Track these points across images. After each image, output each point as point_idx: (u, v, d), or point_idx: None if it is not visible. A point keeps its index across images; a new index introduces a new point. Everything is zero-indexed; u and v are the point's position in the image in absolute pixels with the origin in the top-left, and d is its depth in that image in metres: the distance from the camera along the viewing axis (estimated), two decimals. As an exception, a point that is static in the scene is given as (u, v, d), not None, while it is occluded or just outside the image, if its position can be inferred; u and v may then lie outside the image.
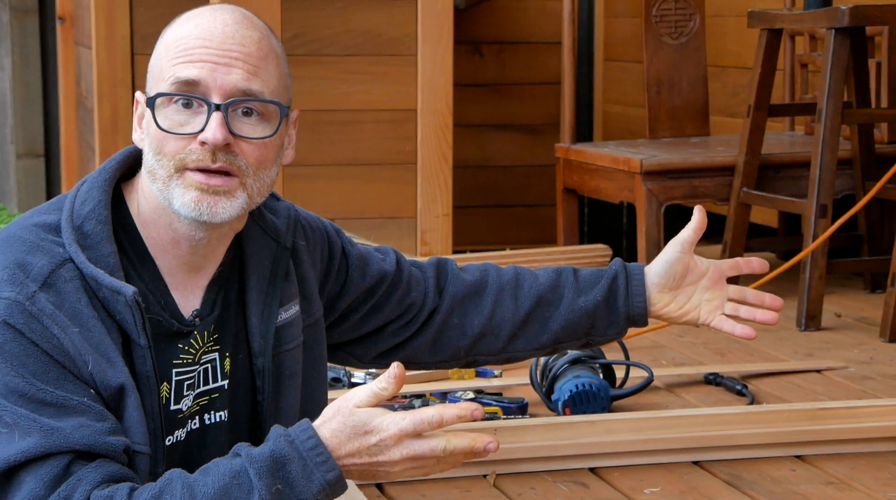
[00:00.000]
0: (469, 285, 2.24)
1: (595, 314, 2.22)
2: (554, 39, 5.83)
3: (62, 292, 1.76)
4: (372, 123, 4.82)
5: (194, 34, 1.83)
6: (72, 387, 1.73)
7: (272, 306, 1.96)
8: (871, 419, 2.66)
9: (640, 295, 2.22)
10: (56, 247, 1.79)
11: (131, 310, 1.79)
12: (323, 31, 4.80)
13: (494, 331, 2.23)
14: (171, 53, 1.83)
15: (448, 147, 4.71)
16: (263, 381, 1.95)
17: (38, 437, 1.70)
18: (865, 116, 4.07)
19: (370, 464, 1.75)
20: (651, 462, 2.58)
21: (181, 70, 1.81)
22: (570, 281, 2.25)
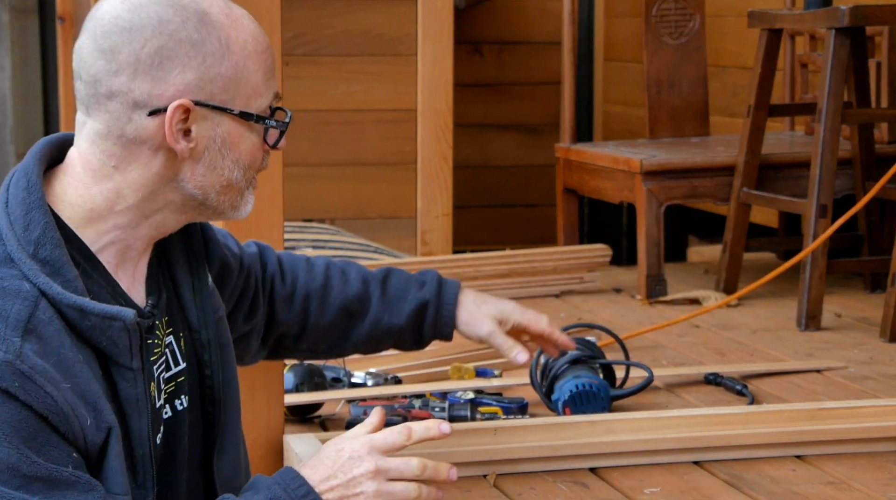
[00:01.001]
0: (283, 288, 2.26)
1: (400, 335, 2.30)
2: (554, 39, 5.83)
3: (44, 337, 1.66)
4: (372, 123, 4.83)
5: (266, 41, 1.80)
6: (59, 454, 1.66)
7: (199, 277, 1.93)
8: (871, 419, 2.66)
9: (448, 322, 2.29)
10: (21, 283, 1.67)
11: (128, 334, 1.72)
12: (323, 31, 4.80)
13: (296, 333, 2.28)
14: (263, 64, 1.78)
15: (448, 147, 4.72)
16: (210, 354, 1.92)
17: None
18: (865, 116, 4.07)
19: (346, 482, 1.77)
20: (651, 462, 2.58)
21: (275, 84, 1.80)
22: (377, 294, 2.28)
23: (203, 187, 1.77)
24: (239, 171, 1.78)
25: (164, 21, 1.71)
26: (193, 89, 1.72)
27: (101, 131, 1.74)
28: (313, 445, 2.41)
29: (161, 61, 1.71)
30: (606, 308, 4.03)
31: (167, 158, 1.75)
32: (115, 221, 1.77)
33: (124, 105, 1.72)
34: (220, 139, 1.76)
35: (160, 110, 1.72)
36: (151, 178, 1.76)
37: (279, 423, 2.51)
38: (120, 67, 1.71)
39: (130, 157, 1.75)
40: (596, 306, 4.04)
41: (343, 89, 4.82)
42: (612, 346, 3.21)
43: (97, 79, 1.72)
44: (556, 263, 4.17)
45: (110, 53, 1.71)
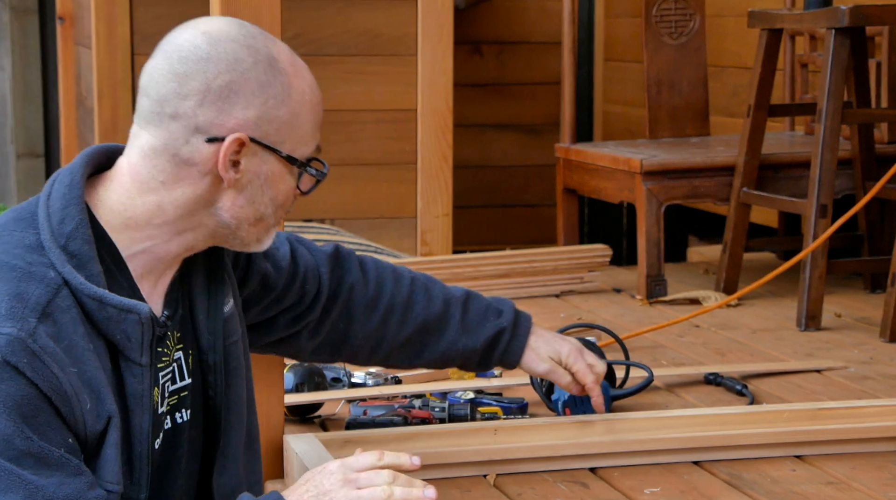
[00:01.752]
0: (365, 293, 2.36)
1: (469, 358, 2.44)
2: (554, 39, 5.83)
3: (59, 323, 1.76)
4: (372, 123, 4.83)
5: (320, 95, 1.92)
6: (55, 435, 1.74)
7: (217, 300, 2.01)
8: (871, 419, 2.66)
9: (517, 354, 2.47)
10: (47, 270, 1.78)
11: (142, 328, 1.82)
12: (323, 31, 4.80)
13: (372, 346, 2.39)
14: (315, 115, 1.91)
15: (448, 147, 4.71)
16: (216, 376, 2.01)
17: (22, 494, 1.70)
18: (865, 116, 4.07)
19: (317, 494, 1.86)
20: (651, 462, 2.57)
21: (318, 135, 1.93)
22: (457, 317, 2.42)
23: (238, 218, 1.89)
24: (272, 208, 1.91)
25: (239, 59, 1.84)
26: (252, 126, 1.84)
27: (157, 147, 1.85)
28: (313, 445, 2.41)
29: (229, 94, 1.83)
30: (606, 308, 4.03)
31: (212, 183, 1.86)
32: (149, 232, 1.87)
33: (186, 128, 1.83)
34: (263, 176, 1.87)
35: (218, 139, 1.83)
36: (194, 199, 1.86)
37: (279, 423, 2.51)
38: (190, 92, 1.83)
39: (179, 176, 1.85)
40: (596, 306, 4.04)
41: (343, 89, 4.82)
42: (612, 346, 3.20)
43: (165, 99, 1.84)
44: (556, 263, 4.17)
45: (183, 78, 1.83)
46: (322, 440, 2.44)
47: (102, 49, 4.73)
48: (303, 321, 2.31)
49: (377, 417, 2.72)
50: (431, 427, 2.60)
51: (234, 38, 1.85)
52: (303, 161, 1.90)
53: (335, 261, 2.35)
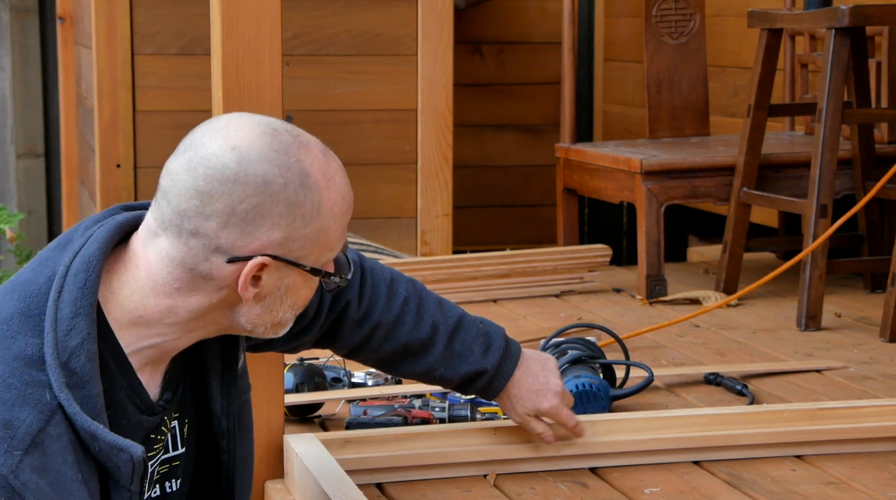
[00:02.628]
0: (354, 315, 2.29)
1: (445, 386, 2.41)
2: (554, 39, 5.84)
3: (48, 453, 1.68)
4: (372, 123, 4.82)
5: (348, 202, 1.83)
6: None
7: (230, 363, 1.95)
8: (871, 419, 2.66)
9: (493, 395, 2.42)
10: (44, 393, 1.69)
11: (133, 467, 1.75)
12: (323, 31, 4.80)
13: (348, 351, 2.34)
14: (343, 224, 1.83)
15: (448, 147, 4.71)
16: (229, 440, 1.95)
17: None
18: (865, 116, 4.07)
19: None
20: (651, 462, 2.57)
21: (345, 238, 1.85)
22: (441, 345, 2.35)
23: (254, 323, 1.82)
24: (292, 312, 1.84)
25: (269, 181, 1.73)
26: (276, 246, 1.76)
27: (175, 257, 1.77)
28: (313, 445, 2.41)
29: (254, 218, 1.74)
30: (606, 308, 4.03)
31: (229, 295, 1.79)
32: (159, 330, 1.80)
33: (206, 247, 1.75)
34: (284, 288, 1.80)
35: (240, 259, 1.75)
36: (209, 307, 1.79)
37: (279, 423, 2.51)
38: (213, 213, 1.73)
39: (195, 287, 1.78)
40: (596, 306, 4.04)
41: (343, 89, 4.82)
42: (612, 346, 3.20)
43: (186, 215, 1.74)
44: (556, 263, 4.17)
45: (208, 198, 1.73)
46: (322, 440, 2.44)
47: (102, 49, 4.73)
48: (298, 340, 2.25)
49: (377, 417, 2.72)
50: (431, 427, 2.60)
51: (266, 156, 1.74)
52: (328, 271, 1.83)
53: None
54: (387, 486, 2.49)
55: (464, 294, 4.04)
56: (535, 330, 3.58)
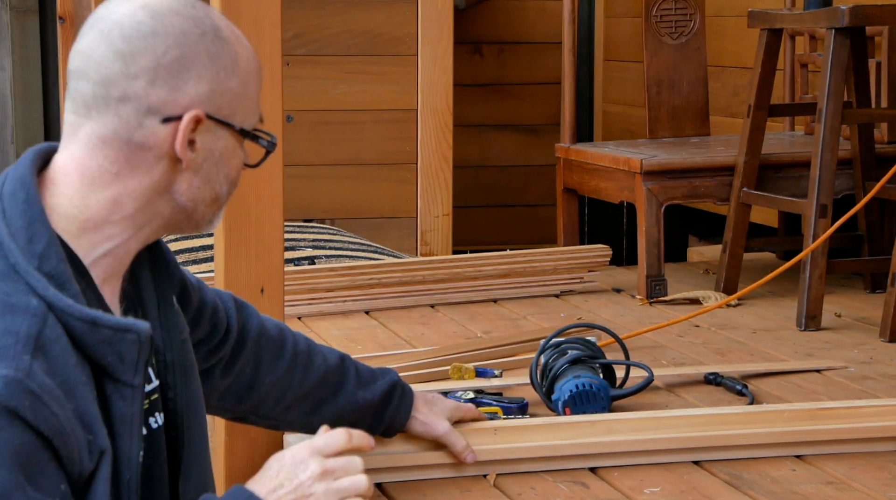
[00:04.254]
0: (271, 338, 2.23)
1: (364, 413, 2.30)
2: (554, 39, 5.84)
3: (51, 356, 1.64)
4: (372, 123, 4.83)
5: (259, 63, 1.83)
6: (49, 483, 1.62)
7: (165, 297, 1.91)
8: (871, 419, 2.66)
9: (403, 418, 2.37)
10: (29, 298, 1.65)
11: (139, 348, 1.71)
12: (323, 31, 4.80)
13: (277, 395, 2.23)
14: (259, 84, 1.82)
15: (448, 147, 4.72)
16: (175, 376, 1.89)
17: None
18: (865, 116, 4.07)
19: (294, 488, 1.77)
20: (651, 462, 2.57)
21: (260, 106, 1.83)
22: (352, 371, 2.30)
23: (195, 200, 1.79)
24: (227, 186, 1.82)
25: (186, 32, 1.73)
26: (206, 101, 1.74)
27: (105, 135, 1.74)
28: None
29: (180, 70, 1.72)
30: (606, 308, 4.03)
31: (168, 167, 1.75)
32: (109, 232, 1.76)
33: (137, 110, 1.72)
34: (217, 153, 1.78)
35: (174, 118, 1.73)
36: (150, 187, 1.75)
37: (279, 423, 2.51)
38: (139, 71, 1.71)
39: (133, 163, 1.74)
40: (596, 306, 4.04)
41: (343, 89, 4.82)
42: (612, 346, 3.20)
43: (111, 81, 1.72)
44: (556, 263, 4.17)
45: (130, 57, 1.71)
46: (322, 440, 2.44)
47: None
48: (215, 356, 2.17)
49: (377, 417, 2.72)
50: (431, 427, 2.60)
51: (177, 10, 1.74)
52: (255, 133, 1.81)
53: (237, 302, 2.23)
54: (387, 486, 2.49)
55: (464, 294, 4.04)
56: (535, 330, 3.58)
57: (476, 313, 3.92)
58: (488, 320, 3.82)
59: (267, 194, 2.46)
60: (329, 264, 4.04)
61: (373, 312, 3.92)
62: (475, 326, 3.74)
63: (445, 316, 3.88)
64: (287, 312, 2.97)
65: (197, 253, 4.18)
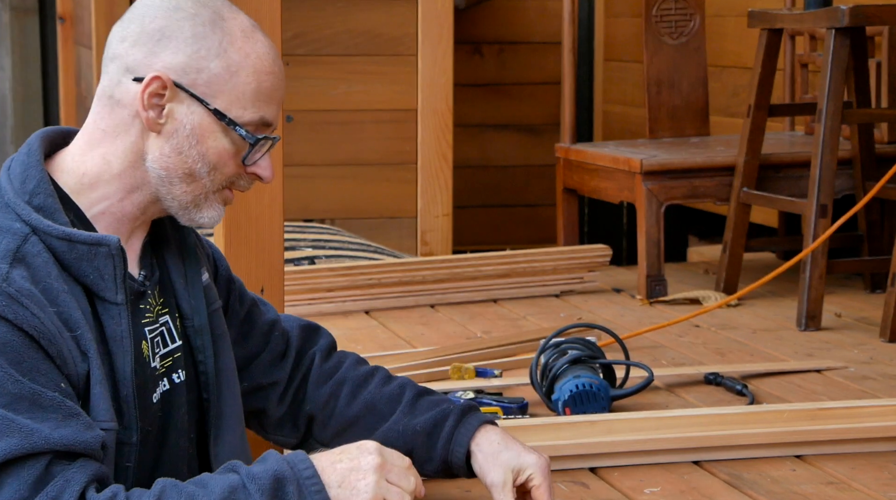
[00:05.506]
0: (321, 367, 2.26)
1: (413, 444, 2.19)
2: (554, 39, 5.84)
3: (32, 266, 1.77)
4: (372, 123, 4.83)
5: (274, 69, 1.91)
6: (45, 379, 1.73)
7: (193, 269, 2.03)
8: (871, 419, 2.66)
9: (461, 447, 2.16)
10: (13, 223, 1.80)
11: (113, 261, 1.83)
12: (323, 31, 4.80)
13: (324, 418, 2.24)
14: (259, 83, 1.89)
15: (448, 147, 4.71)
16: (203, 340, 2.01)
17: (18, 438, 1.69)
18: (865, 116, 4.07)
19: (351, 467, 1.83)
20: (651, 462, 2.57)
21: (267, 110, 1.90)
22: (407, 397, 2.23)
23: (167, 169, 1.88)
24: (204, 166, 1.89)
25: (179, 8, 1.88)
26: (178, 71, 1.86)
27: (100, 92, 1.91)
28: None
29: (161, 38, 1.86)
30: (606, 308, 4.03)
31: (141, 128, 1.88)
32: (104, 191, 1.89)
33: (119, 68, 1.88)
34: (189, 127, 1.87)
35: (143, 79, 1.86)
36: (130, 148, 1.88)
37: (279, 423, 2.51)
38: (128, 35, 1.88)
39: (115, 120, 1.88)
40: (596, 306, 4.04)
41: (343, 89, 4.82)
42: (612, 346, 3.20)
43: (110, 42, 1.91)
44: (556, 263, 4.17)
45: (127, 23, 1.90)
46: (322, 440, 2.44)
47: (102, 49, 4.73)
48: (272, 375, 2.22)
49: (377, 417, 2.72)
50: (431, 427, 2.60)
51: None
52: (232, 119, 1.88)
53: (308, 329, 2.29)
54: (387, 486, 2.49)
55: (464, 294, 4.04)
56: (535, 330, 3.58)
57: (476, 313, 3.92)
58: (488, 320, 3.82)
59: (267, 194, 2.46)
60: (329, 264, 4.04)
61: (373, 312, 3.92)
62: (475, 326, 3.74)
63: (445, 316, 3.88)
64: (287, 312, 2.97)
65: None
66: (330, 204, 4.82)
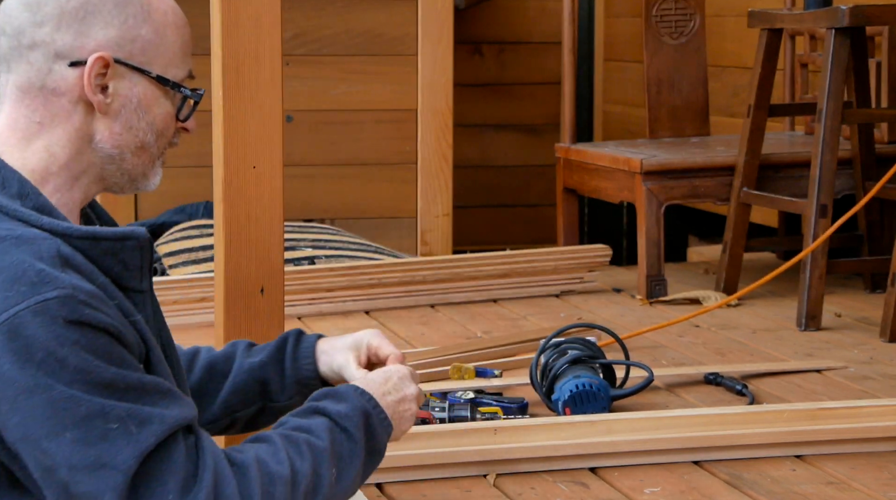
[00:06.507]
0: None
1: (263, 377, 2.19)
2: (554, 39, 5.83)
3: (78, 267, 1.73)
4: (372, 123, 4.83)
5: (185, 19, 1.89)
6: (136, 367, 1.73)
7: None
8: (871, 419, 2.66)
9: (308, 357, 2.19)
10: (27, 229, 1.73)
11: (140, 253, 1.81)
12: (323, 31, 4.80)
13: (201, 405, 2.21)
14: (182, 38, 1.88)
15: (448, 147, 4.71)
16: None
17: (156, 424, 1.68)
18: (865, 116, 4.07)
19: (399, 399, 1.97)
20: (651, 462, 2.58)
21: (190, 62, 1.89)
22: (242, 348, 2.23)
23: (119, 146, 1.84)
24: (152, 135, 1.86)
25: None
26: (114, 46, 1.80)
27: (23, 85, 1.81)
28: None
29: (85, 16, 1.79)
30: (606, 308, 4.03)
31: (86, 113, 1.82)
32: (54, 183, 1.82)
33: (46, 56, 1.79)
34: (136, 100, 1.83)
35: (81, 62, 1.79)
36: (74, 134, 1.82)
37: (279, 423, 2.51)
38: (44, 19, 1.78)
39: (52, 111, 1.81)
40: (596, 306, 4.04)
41: (343, 89, 4.82)
42: (612, 346, 3.21)
43: (21, 30, 1.79)
44: (556, 263, 4.17)
45: (36, 6, 1.79)
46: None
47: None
48: None
49: (377, 417, 2.71)
50: (431, 427, 2.60)
51: None
52: (176, 82, 1.86)
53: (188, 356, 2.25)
54: (387, 486, 2.49)
55: (464, 294, 4.04)
56: (535, 330, 3.58)
57: (476, 313, 3.92)
58: (488, 320, 3.82)
59: (267, 194, 2.46)
60: (329, 264, 4.04)
61: (373, 312, 3.92)
62: (475, 326, 3.74)
63: (445, 316, 3.88)
64: (287, 312, 2.97)
65: (197, 253, 4.18)
66: (330, 204, 4.82)
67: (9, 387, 1.64)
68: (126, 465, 1.65)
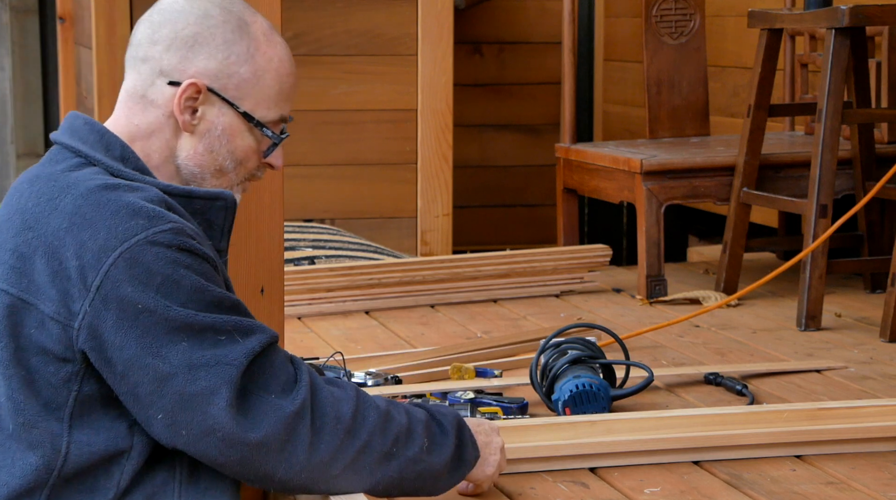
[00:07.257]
0: None
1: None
2: (554, 39, 5.84)
3: (178, 211, 1.98)
4: (372, 123, 4.83)
5: (292, 70, 2.09)
6: (232, 291, 2.03)
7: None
8: (871, 418, 2.66)
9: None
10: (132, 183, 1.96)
11: (225, 213, 2.05)
12: (323, 31, 4.80)
13: None
14: (281, 85, 2.07)
15: (448, 147, 4.71)
16: None
17: (258, 333, 1.94)
18: (865, 116, 4.07)
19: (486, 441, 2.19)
20: (651, 462, 2.57)
21: (286, 108, 2.09)
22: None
23: (201, 166, 2.06)
24: (232, 162, 2.08)
25: (209, 16, 2.03)
26: (212, 76, 2.03)
27: (129, 90, 2.07)
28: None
29: (194, 44, 2.02)
30: (606, 308, 4.03)
31: (175, 128, 2.04)
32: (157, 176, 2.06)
33: (152, 70, 2.04)
34: (220, 127, 2.05)
35: (178, 83, 2.02)
36: (164, 144, 2.05)
37: (279, 423, 2.50)
38: (160, 39, 2.03)
39: (148, 118, 2.05)
40: (596, 306, 4.04)
41: (343, 89, 4.82)
42: (612, 346, 3.20)
43: (139, 43, 2.05)
44: (556, 263, 4.17)
45: (157, 26, 2.04)
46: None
47: (102, 49, 4.73)
48: None
49: (377, 417, 2.71)
50: (431, 427, 2.59)
51: (213, 1, 2.05)
52: (259, 121, 2.05)
53: None
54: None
55: (464, 294, 4.04)
56: (535, 330, 3.58)
57: (476, 313, 3.92)
58: (488, 320, 3.82)
59: (267, 194, 2.46)
60: (329, 264, 4.04)
61: (373, 312, 3.92)
62: (475, 326, 3.74)
63: (445, 316, 3.88)
64: (287, 312, 2.97)
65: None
66: (330, 204, 4.82)
67: (131, 308, 1.87)
68: (238, 361, 1.90)
